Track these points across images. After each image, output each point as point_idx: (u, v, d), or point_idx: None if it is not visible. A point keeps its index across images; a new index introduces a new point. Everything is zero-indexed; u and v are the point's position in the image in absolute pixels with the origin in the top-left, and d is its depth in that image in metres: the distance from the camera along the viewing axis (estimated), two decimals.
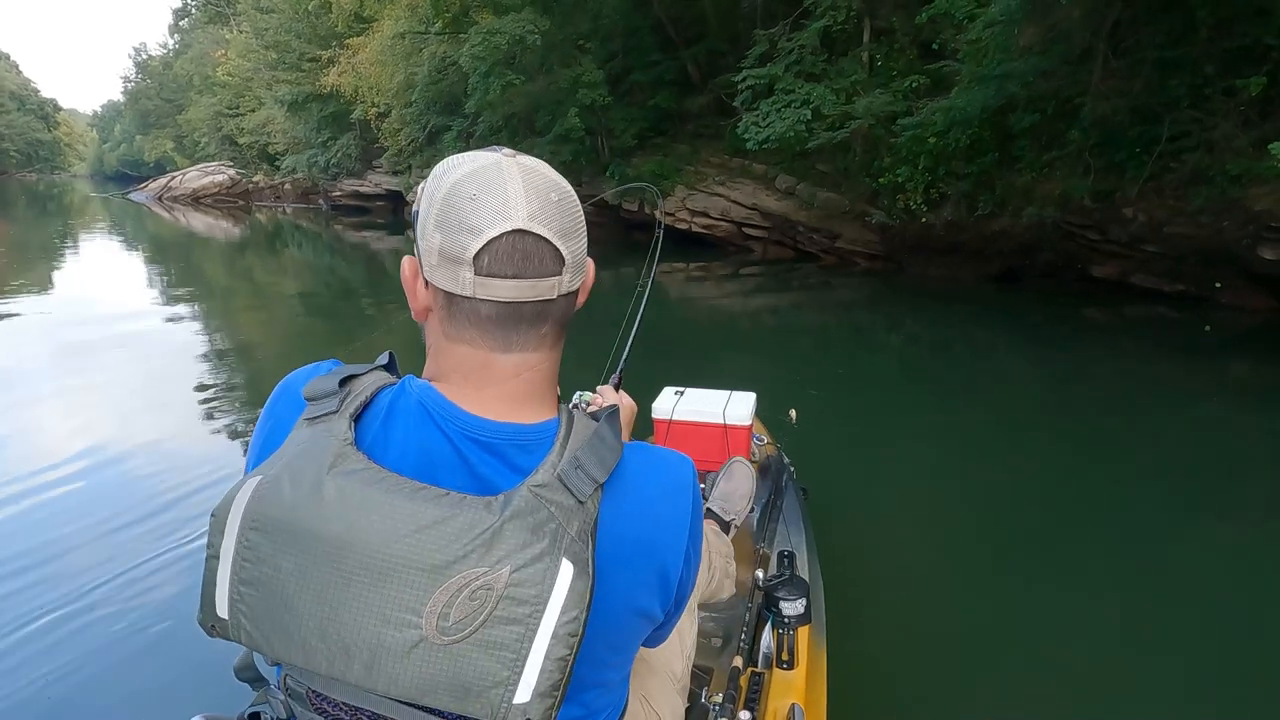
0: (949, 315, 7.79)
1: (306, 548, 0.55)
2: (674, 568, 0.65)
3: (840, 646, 1.54)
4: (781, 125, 8.87)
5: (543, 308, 0.62)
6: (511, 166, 0.61)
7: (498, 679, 0.53)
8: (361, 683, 0.55)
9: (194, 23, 40.39)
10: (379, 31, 15.44)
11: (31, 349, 5.74)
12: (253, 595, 0.57)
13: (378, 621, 0.54)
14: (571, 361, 1.15)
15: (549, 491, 0.56)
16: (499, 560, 0.53)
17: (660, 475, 0.66)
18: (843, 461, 3.48)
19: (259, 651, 0.59)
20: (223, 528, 0.57)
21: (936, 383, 5.32)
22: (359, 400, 0.62)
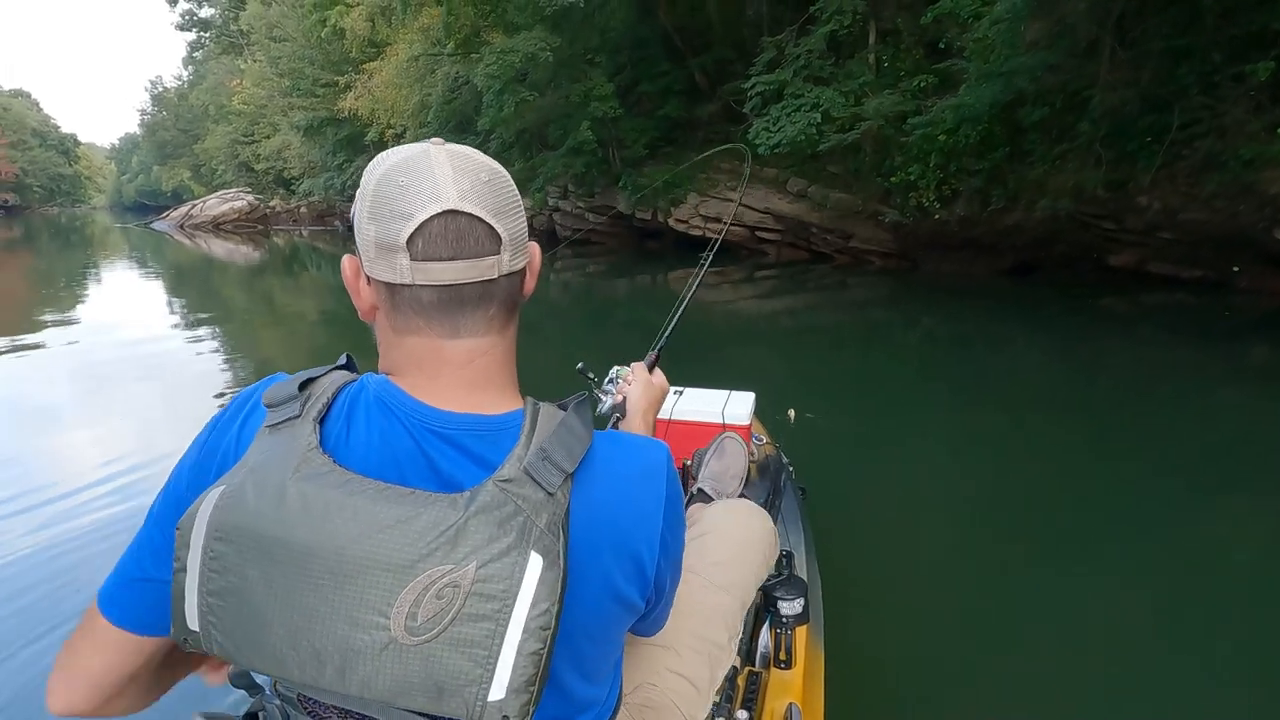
0: (964, 310, 7.83)
1: (272, 555, 0.54)
2: (649, 554, 0.64)
3: (838, 646, 1.53)
4: (793, 129, 9.01)
5: (485, 289, 0.61)
6: (440, 153, 0.60)
7: (471, 677, 0.52)
8: (334, 687, 0.55)
9: (208, 54, 41.30)
10: (394, 55, 15.81)
11: (59, 376, 5.86)
12: (221, 606, 0.56)
13: (346, 625, 0.53)
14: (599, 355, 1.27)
15: (515, 486, 0.56)
16: (465, 557, 0.52)
17: (631, 461, 0.65)
18: (843, 461, 3.46)
19: (233, 662, 0.59)
20: (188, 540, 0.56)
21: (948, 378, 5.31)
22: (321, 402, 0.61)
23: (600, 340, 7.28)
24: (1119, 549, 2.55)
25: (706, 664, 0.97)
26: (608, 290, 10.73)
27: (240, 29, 31.16)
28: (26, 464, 3.80)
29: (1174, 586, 2.33)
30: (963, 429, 4.01)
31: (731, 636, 1.03)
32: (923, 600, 2.21)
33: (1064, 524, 2.74)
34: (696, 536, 1.09)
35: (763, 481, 1.99)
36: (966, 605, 2.20)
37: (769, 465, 2.09)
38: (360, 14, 16.80)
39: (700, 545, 1.07)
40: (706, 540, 1.08)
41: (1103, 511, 2.84)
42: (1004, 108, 7.91)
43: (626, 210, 14.17)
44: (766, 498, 1.89)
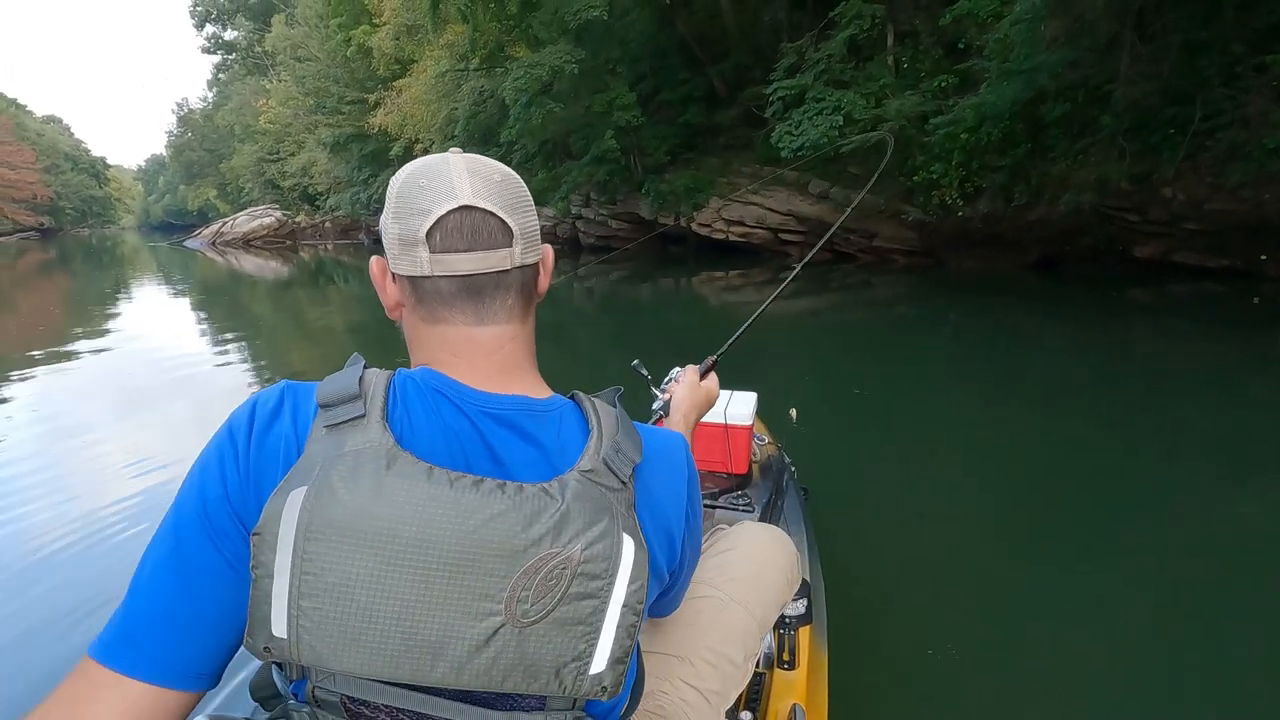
0: (989, 305, 7.88)
1: (381, 550, 0.54)
2: (678, 528, 0.70)
3: (842, 647, 1.53)
4: (814, 132, 9.18)
5: (500, 279, 0.66)
6: (457, 159, 0.66)
7: (575, 653, 0.56)
8: (443, 681, 0.55)
9: (232, 76, 42.31)
10: (422, 72, 16.24)
11: (94, 390, 5.95)
12: (318, 609, 0.54)
13: (458, 615, 0.55)
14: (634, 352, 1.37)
15: (598, 475, 0.61)
16: (570, 540, 0.56)
17: (660, 448, 0.71)
18: (848, 460, 3.45)
19: (323, 667, 0.56)
20: (273, 544, 0.55)
21: (964, 374, 5.26)
22: (380, 398, 0.60)
23: (626, 345, 7.42)
24: (1136, 545, 2.49)
25: (720, 679, 0.96)
26: (631, 295, 10.85)
27: (265, 50, 31.96)
28: (60, 479, 3.78)
29: (1199, 583, 2.25)
30: (976, 425, 3.97)
31: (748, 656, 1.02)
32: (927, 600, 2.19)
33: (1077, 520, 2.69)
34: (719, 554, 1.10)
35: (765, 482, 1.98)
36: (972, 605, 2.17)
37: (771, 465, 2.08)
38: (387, 33, 17.28)
39: (722, 562, 1.08)
40: (729, 557, 1.09)
41: (1121, 507, 2.78)
42: (1025, 104, 8.03)
43: (649, 216, 14.40)
44: (769, 498, 1.89)
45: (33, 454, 4.12)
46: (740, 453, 1.95)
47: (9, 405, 5.20)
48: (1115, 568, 2.35)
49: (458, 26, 13.94)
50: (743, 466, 1.97)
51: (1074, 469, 3.21)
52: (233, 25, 40.98)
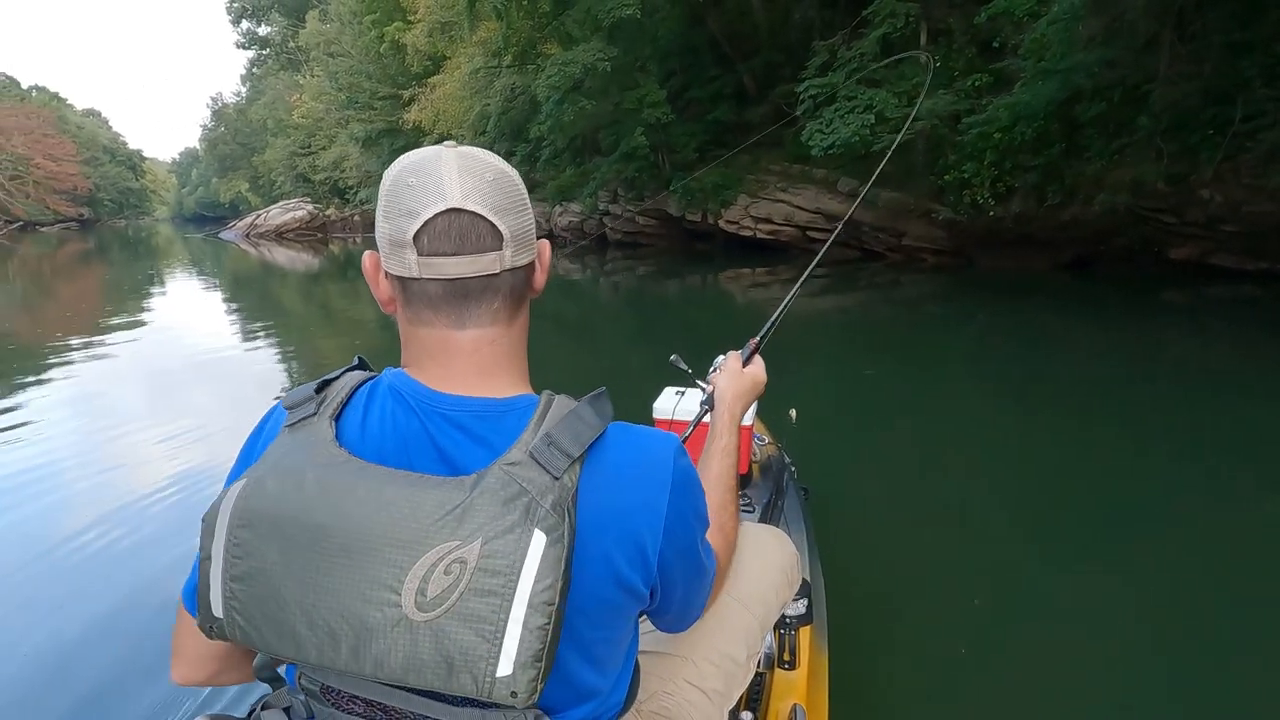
0: (1018, 306, 7.84)
1: (290, 537, 0.57)
2: (652, 540, 0.65)
3: (842, 647, 1.52)
4: (846, 131, 9.21)
5: (488, 283, 0.64)
6: (450, 155, 0.63)
7: (479, 652, 0.54)
8: (349, 667, 0.57)
9: (266, 71, 43.06)
10: (456, 69, 16.47)
11: (126, 377, 6.13)
12: (244, 590, 0.59)
13: (359, 602, 0.55)
14: None
15: (521, 469, 0.58)
16: (471, 533, 0.54)
17: (638, 449, 0.67)
18: (849, 460, 3.45)
19: (253, 647, 0.61)
20: (212, 530, 0.60)
21: (985, 374, 5.23)
22: (337, 400, 0.66)
23: (652, 340, 7.49)
24: (1145, 550, 2.47)
25: (723, 679, 0.96)
26: (658, 291, 10.95)
27: (298, 46, 32.51)
28: (100, 468, 3.86)
29: (1214, 590, 2.20)
30: (986, 425, 3.94)
31: (750, 655, 1.02)
32: (927, 600, 2.19)
33: (1084, 521, 2.67)
34: None
35: (765, 482, 1.97)
36: (972, 605, 2.17)
37: (771, 465, 2.07)
38: (421, 30, 17.55)
39: None
40: None
41: (1132, 511, 2.74)
42: (1060, 104, 7.99)
43: (676, 213, 14.50)
44: (769, 498, 1.88)
45: (72, 432, 4.35)
46: (740, 453, 1.92)
47: (51, 386, 5.45)
48: (1121, 571, 2.33)
49: (491, 24, 14.14)
50: (743, 466, 1.90)
51: (1087, 470, 3.17)
52: (267, 21, 41.74)
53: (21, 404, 5.00)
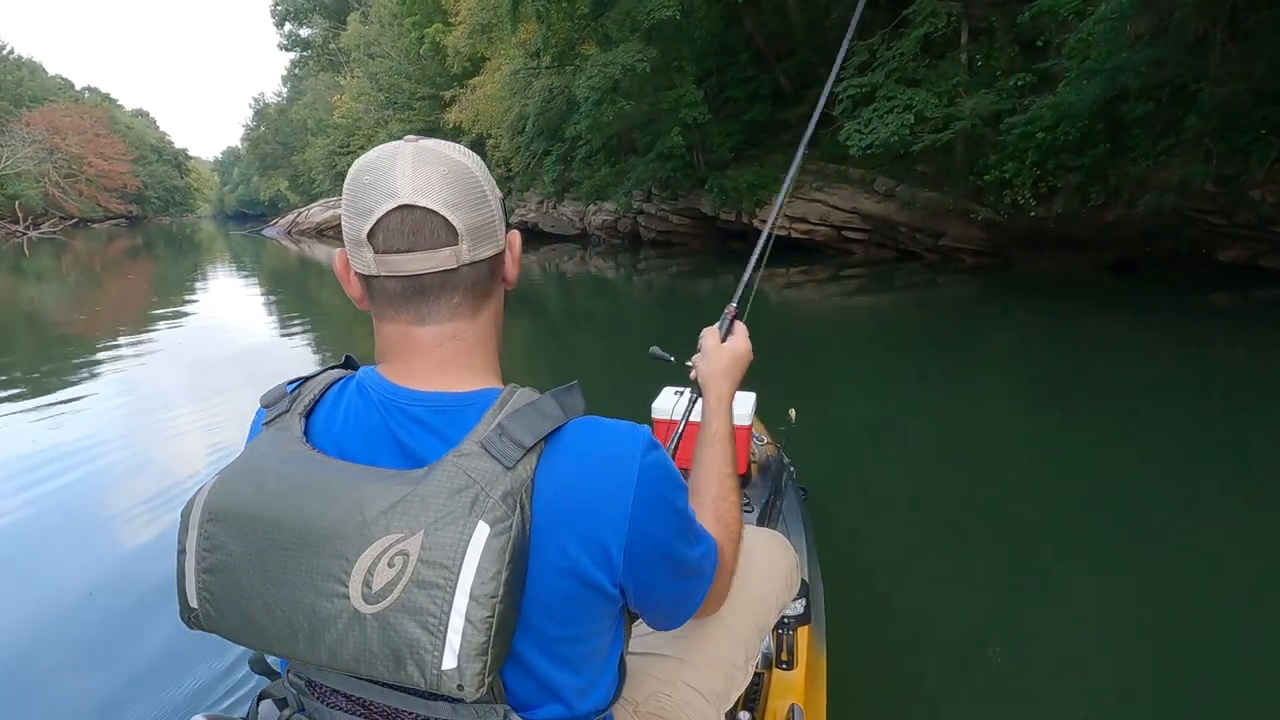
0: (1059, 307, 7.75)
1: (251, 531, 0.59)
2: (614, 535, 0.63)
3: (840, 647, 1.52)
4: (885, 131, 9.21)
5: (446, 278, 0.64)
6: (406, 150, 0.62)
7: (424, 645, 0.54)
8: (307, 657, 0.58)
9: (307, 72, 44.07)
10: (496, 70, 16.79)
11: (169, 365, 6.40)
12: (213, 582, 0.61)
13: (311, 594, 0.57)
14: None
15: (470, 460, 0.58)
16: (414, 525, 0.55)
17: (601, 442, 0.65)
18: (848, 460, 3.44)
19: (225, 637, 0.63)
20: (187, 524, 0.63)
21: (1011, 376, 5.17)
22: (309, 397, 0.68)
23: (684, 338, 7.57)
24: (1153, 555, 2.45)
25: (721, 680, 0.96)
26: (691, 290, 11.00)
27: (339, 47, 33.26)
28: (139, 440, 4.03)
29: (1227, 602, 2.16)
30: (1000, 427, 3.91)
31: (749, 658, 1.02)
32: (926, 600, 2.19)
33: (1092, 527, 2.65)
34: None
35: (764, 482, 1.97)
36: (972, 606, 2.17)
37: (770, 465, 2.07)
38: (462, 32, 17.90)
39: None
40: None
41: (1149, 518, 2.71)
42: (1105, 103, 7.91)
43: (710, 212, 14.58)
44: (768, 498, 1.87)
45: (118, 418, 4.57)
46: (739, 453, 1.86)
47: (100, 374, 5.74)
48: (1128, 576, 2.31)
49: (530, 25, 14.39)
50: (741, 467, 1.93)
51: (1101, 476, 3.14)
52: (309, 24, 42.73)
53: (74, 388, 5.31)
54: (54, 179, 43.42)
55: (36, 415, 4.63)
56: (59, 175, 44.21)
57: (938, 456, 3.47)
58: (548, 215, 20.78)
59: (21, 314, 10.50)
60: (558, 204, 19.94)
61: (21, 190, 39.03)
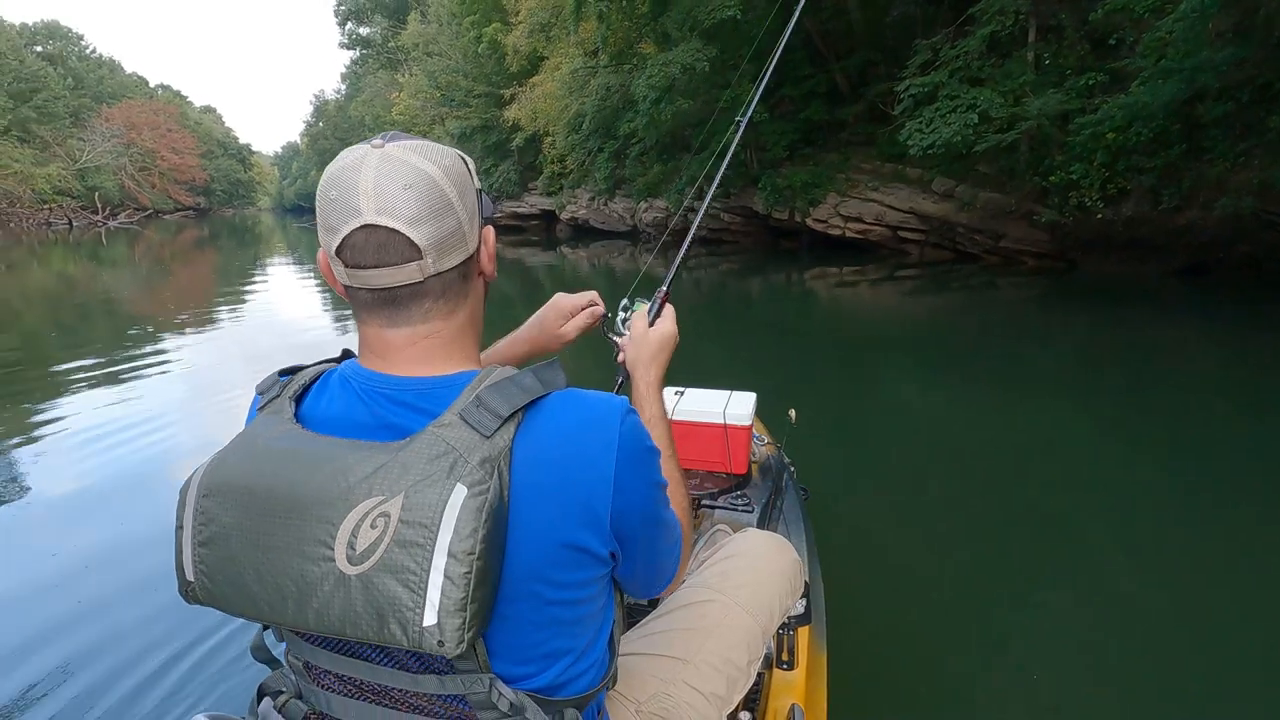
0: (1122, 313, 7.54)
1: (242, 502, 0.62)
2: (601, 498, 0.65)
3: (841, 647, 1.53)
4: (947, 131, 9.11)
5: (414, 290, 0.66)
6: (370, 161, 0.63)
7: (405, 602, 0.56)
8: (296, 622, 0.60)
9: (366, 69, 45.35)
10: (555, 69, 17.10)
11: (230, 349, 6.79)
12: (208, 555, 0.64)
13: (299, 559, 0.59)
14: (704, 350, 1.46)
15: (449, 429, 0.60)
16: (394, 489, 0.57)
17: (581, 410, 0.67)
18: (849, 460, 3.43)
19: (219, 608, 0.65)
20: (184, 501, 0.65)
21: (1035, 376, 5.09)
22: (299, 384, 0.71)
23: (731, 334, 7.60)
24: (1160, 560, 2.44)
25: (724, 683, 0.97)
26: (740, 288, 11.03)
27: (398, 45, 34.15)
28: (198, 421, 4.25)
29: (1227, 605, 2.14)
30: (1021, 429, 3.87)
31: (751, 660, 1.03)
32: (926, 600, 2.18)
33: (1097, 531, 2.64)
34: (722, 560, 1.12)
35: (764, 482, 1.97)
36: (973, 605, 2.16)
37: (771, 465, 2.08)
38: (521, 31, 18.26)
39: (725, 568, 1.09)
40: (732, 564, 1.10)
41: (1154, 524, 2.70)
42: (1182, 104, 7.69)
43: (762, 210, 14.58)
44: (768, 498, 1.87)
45: (179, 399, 4.91)
46: (739, 453, 1.93)
47: (165, 359, 6.08)
48: (1133, 577, 2.31)
49: (590, 25, 14.61)
50: (742, 467, 1.95)
51: (1132, 484, 3.09)
52: (369, 23, 43.97)
53: (140, 368, 5.68)
54: (129, 172, 45.75)
55: (106, 390, 5.01)
56: (134, 168, 46.52)
57: (942, 459, 3.45)
58: (599, 212, 21.02)
59: (100, 299, 11.20)
60: (609, 201, 20.17)
61: (100, 182, 41.23)
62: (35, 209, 34.34)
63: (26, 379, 5.68)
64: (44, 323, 8.92)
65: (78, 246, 23.95)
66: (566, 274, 14.06)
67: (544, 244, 20.48)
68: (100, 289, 12.85)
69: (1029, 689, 1.80)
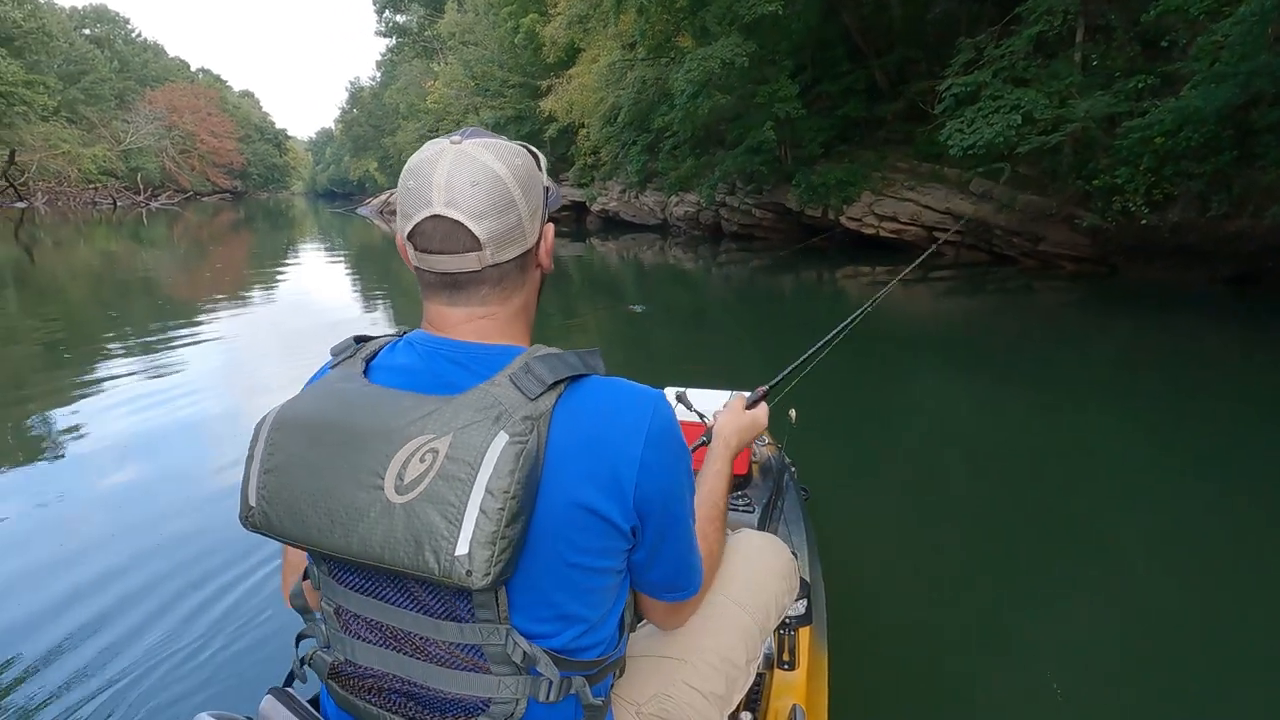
0: (1166, 319, 7.40)
1: (309, 434, 0.68)
2: (627, 471, 0.70)
3: (841, 647, 1.53)
4: (989, 131, 8.97)
5: (473, 276, 0.73)
6: (447, 156, 0.70)
7: (441, 531, 0.60)
8: (340, 548, 0.65)
9: (402, 58, 45.79)
10: (593, 61, 17.16)
11: (264, 328, 6.97)
12: (271, 481, 0.69)
13: (352, 486, 0.64)
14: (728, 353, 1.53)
15: (499, 388, 0.67)
16: (445, 429, 0.63)
17: (618, 392, 0.73)
18: (850, 460, 3.43)
19: (272, 533, 0.70)
20: (258, 435, 0.72)
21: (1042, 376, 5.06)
22: (371, 349, 0.79)
23: (761, 333, 7.57)
24: (1165, 564, 2.42)
25: (724, 682, 0.98)
26: (770, 285, 10.97)
27: (434, 34, 34.44)
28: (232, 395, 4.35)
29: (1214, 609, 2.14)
30: (1028, 431, 3.83)
31: (750, 659, 1.04)
32: (927, 601, 2.18)
33: (1099, 533, 2.63)
34: None
35: (765, 482, 1.98)
36: (973, 605, 2.16)
37: (771, 466, 2.08)
38: (560, 22, 18.34)
39: (722, 568, 1.09)
40: (728, 563, 1.10)
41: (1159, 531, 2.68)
42: (1235, 108, 7.50)
43: (795, 207, 14.50)
44: (769, 498, 1.87)
45: (215, 373, 5.11)
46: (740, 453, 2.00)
47: (201, 338, 6.27)
48: (1146, 581, 2.29)
49: (628, 18, 14.63)
50: (742, 467, 1.95)
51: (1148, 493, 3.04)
52: (406, 10, 44.35)
53: (180, 346, 5.87)
54: (171, 154, 46.80)
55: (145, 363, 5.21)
56: (175, 151, 47.55)
57: (947, 459, 3.44)
58: (629, 204, 21.06)
59: (139, 278, 11.52)
60: (640, 194, 20.19)
61: (143, 164, 42.24)
62: (81, 188, 35.28)
63: (72, 349, 5.93)
64: (88, 298, 9.23)
65: (120, 226, 24.62)
66: (595, 266, 14.12)
67: (574, 235, 20.60)
68: (140, 267, 13.22)
69: (1030, 689, 1.80)
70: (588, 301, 9.54)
